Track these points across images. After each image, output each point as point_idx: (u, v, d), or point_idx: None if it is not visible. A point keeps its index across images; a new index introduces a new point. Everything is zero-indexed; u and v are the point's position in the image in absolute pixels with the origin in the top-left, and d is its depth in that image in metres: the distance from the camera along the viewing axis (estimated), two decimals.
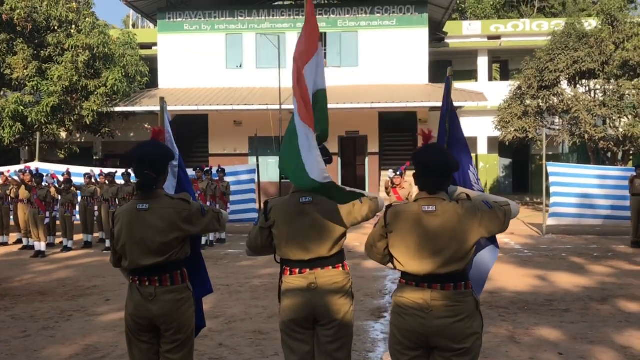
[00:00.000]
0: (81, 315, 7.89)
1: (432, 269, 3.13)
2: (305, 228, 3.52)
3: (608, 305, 8.17)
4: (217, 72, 25.59)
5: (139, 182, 3.60)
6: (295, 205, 3.56)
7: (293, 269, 3.55)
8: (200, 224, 3.66)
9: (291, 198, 3.61)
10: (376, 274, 10.80)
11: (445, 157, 3.21)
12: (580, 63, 20.37)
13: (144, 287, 3.60)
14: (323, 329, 3.50)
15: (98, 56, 21.93)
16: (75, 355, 6.18)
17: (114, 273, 11.03)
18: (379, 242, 3.35)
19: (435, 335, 3.12)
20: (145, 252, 3.57)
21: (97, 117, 22.51)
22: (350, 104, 22.71)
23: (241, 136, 25.52)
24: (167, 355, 3.61)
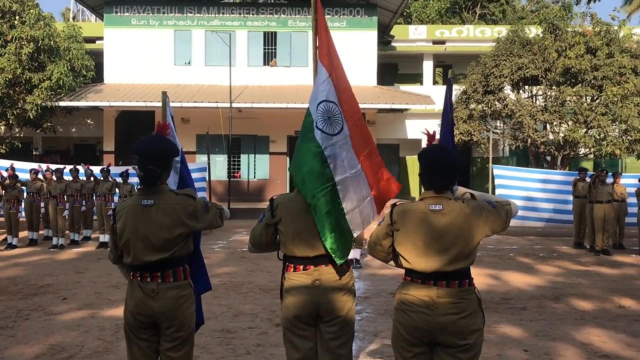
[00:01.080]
0: (40, 315, 7.68)
1: (438, 266, 3.22)
2: (311, 225, 3.56)
3: (562, 303, 8.49)
4: (164, 69, 25.19)
5: (143, 177, 3.55)
6: (301, 202, 3.60)
7: (297, 266, 3.58)
8: (204, 220, 3.64)
9: (297, 195, 3.65)
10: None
11: (452, 157, 3.30)
12: (524, 69, 21.03)
13: (146, 284, 3.55)
14: (326, 326, 3.55)
15: (43, 49, 21.26)
16: (40, 355, 6.03)
17: (65, 272, 10.84)
18: (384, 240, 3.42)
19: (440, 332, 3.21)
20: (149, 248, 3.52)
21: (40, 112, 21.82)
22: (300, 104, 22.72)
23: (189, 134, 25.18)
24: (167, 353, 3.57)
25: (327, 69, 3.76)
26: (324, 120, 3.69)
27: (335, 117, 3.70)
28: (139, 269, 3.58)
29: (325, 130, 3.67)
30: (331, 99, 3.72)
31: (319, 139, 3.66)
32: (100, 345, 6.36)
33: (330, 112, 3.70)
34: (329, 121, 3.69)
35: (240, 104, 22.88)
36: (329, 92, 3.74)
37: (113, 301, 8.46)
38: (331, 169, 3.62)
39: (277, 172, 25.68)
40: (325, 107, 3.70)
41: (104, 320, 7.40)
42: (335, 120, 3.69)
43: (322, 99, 3.73)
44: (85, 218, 14.93)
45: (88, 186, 14.64)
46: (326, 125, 3.68)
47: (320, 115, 3.71)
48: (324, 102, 3.72)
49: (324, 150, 3.64)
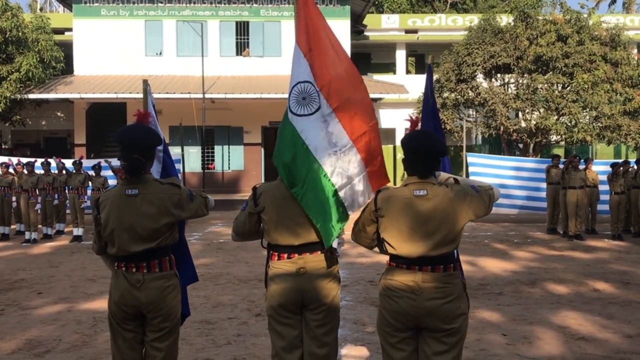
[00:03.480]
0: (15, 310, 7.55)
1: (423, 251, 3.22)
2: (295, 213, 3.53)
3: (538, 288, 8.59)
4: (135, 59, 24.89)
5: (128, 166, 3.49)
6: (285, 191, 3.56)
7: (281, 254, 3.55)
8: (189, 209, 3.59)
9: (280, 183, 3.61)
10: None
11: (436, 142, 3.29)
12: (496, 57, 21.19)
13: (131, 274, 3.50)
14: (311, 313, 3.53)
15: (10, 40, 20.86)
16: (17, 350, 5.93)
17: (39, 266, 10.69)
18: (369, 227, 3.41)
19: (425, 316, 3.22)
20: (135, 239, 3.47)
21: (9, 105, 21.42)
22: (274, 94, 22.64)
23: (161, 125, 24.57)
24: (152, 344, 3.52)
25: (302, 48, 3.70)
26: (297, 102, 3.64)
27: (311, 96, 3.64)
28: (124, 260, 3.53)
29: (299, 112, 3.63)
30: (305, 79, 3.66)
31: (294, 123, 3.62)
32: (78, 338, 6.28)
33: (305, 93, 3.64)
34: (304, 102, 3.63)
35: (214, 95, 22.72)
36: (304, 72, 3.68)
37: (89, 294, 8.36)
38: (312, 150, 3.57)
39: (252, 163, 25.58)
40: (300, 89, 3.65)
41: (80, 313, 7.30)
42: (312, 100, 3.64)
43: (296, 80, 3.69)
44: (57, 212, 14.72)
45: (60, 179, 14.43)
46: (300, 107, 3.63)
47: (294, 98, 3.66)
48: (298, 84, 3.67)
49: (301, 133, 3.59)
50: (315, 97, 3.62)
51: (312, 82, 3.65)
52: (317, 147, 3.59)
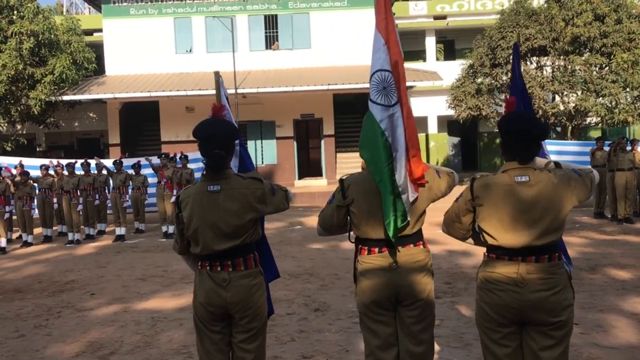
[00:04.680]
0: (71, 311, 7.52)
1: (527, 241, 3.04)
2: None
3: (599, 274, 8.33)
4: (166, 57, 24.91)
5: (210, 162, 3.35)
6: (374, 182, 3.38)
7: (372, 248, 3.38)
8: (272, 203, 3.45)
9: (369, 174, 3.43)
10: None
11: (538, 124, 3.11)
12: (532, 40, 20.74)
13: (216, 273, 3.36)
14: (406, 310, 3.36)
15: (43, 43, 20.99)
16: (81, 353, 5.87)
17: (87, 267, 10.69)
18: (464, 217, 3.23)
19: (531, 310, 3.04)
20: (219, 236, 3.33)
21: (44, 107, 21.58)
22: (305, 87, 22.49)
23: (194, 122, 24.56)
24: (241, 345, 3.38)
25: (383, 35, 3.51)
26: (378, 92, 3.45)
27: (391, 87, 3.45)
28: (208, 259, 3.39)
29: (379, 102, 3.44)
30: (386, 68, 3.48)
31: (374, 113, 3.44)
32: (140, 339, 6.21)
33: (386, 82, 3.45)
34: (384, 92, 3.43)
35: (245, 90, 22.64)
36: (384, 61, 3.49)
37: (142, 294, 8.30)
38: (390, 142, 3.40)
39: (285, 156, 25.47)
40: (380, 77, 3.45)
41: (137, 314, 7.24)
42: (391, 91, 3.45)
43: (377, 68, 3.49)
44: (99, 212, 14.77)
45: (99, 179, 14.47)
46: (381, 97, 3.44)
47: (374, 86, 3.46)
48: (378, 72, 3.48)
49: (380, 124, 3.41)
50: (394, 88, 3.45)
51: (391, 72, 3.47)
52: (392, 142, 3.40)
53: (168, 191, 14.17)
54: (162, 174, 14.25)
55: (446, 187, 3.53)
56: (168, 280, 9.14)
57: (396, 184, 3.34)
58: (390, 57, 3.45)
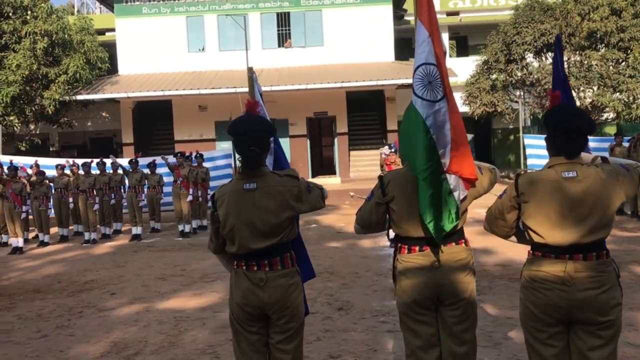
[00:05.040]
0: (92, 311, 7.48)
1: (575, 238, 2.95)
2: None
3: (625, 271, 8.19)
4: (178, 56, 24.87)
5: (245, 160, 3.28)
6: (414, 178, 3.29)
7: (412, 247, 3.30)
8: (308, 201, 3.37)
9: (409, 170, 3.34)
10: (379, 253, 10.67)
11: (585, 118, 3.02)
12: (547, 35, 20.56)
13: (253, 273, 3.29)
14: (448, 310, 3.27)
15: (57, 43, 21.01)
16: (106, 353, 5.82)
17: (105, 266, 10.66)
18: (508, 214, 3.14)
19: (578, 309, 2.95)
20: (255, 235, 3.26)
21: (58, 107, 21.61)
22: (319, 84, 22.41)
23: (207, 121, 24.95)
24: (278, 346, 3.31)
25: (426, 28, 3.40)
26: (423, 86, 3.32)
27: (437, 81, 3.33)
28: (244, 258, 3.32)
29: (425, 97, 3.31)
30: (431, 61, 3.36)
31: (418, 108, 3.33)
32: (164, 339, 6.15)
33: (431, 76, 3.32)
34: (430, 86, 3.31)
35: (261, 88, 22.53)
36: (429, 54, 3.38)
37: (163, 293, 8.26)
38: (435, 140, 3.29)
39: (299, 155, 25.37)
40: (425, 71, 3.33)
41: (159, 313, 7.19)
42: (437, 85, 3.33)
43: (421, 61, 3.37)
44: (114, 211, 14.75)
45: (115, 179, 14.44)
46: (426, 91, 3.31)
47: (418, 80, 3.34)
48: (423, 66, 3.35)
49: (426, 120, 3.30)
50: (439, 83, 3.33)
51: (437, 65, 3.36)
52: (439, 139, 3.30)
53: (184, 190, 14.14)
54: (178, 172, 14.21)
55: (488, 183, 3.44)
56: (188, 280, 9.09)
57: (447, 182, 3.25)
58: (435, 50, 3.36)
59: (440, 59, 3.40)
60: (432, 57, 3.33)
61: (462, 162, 3.26)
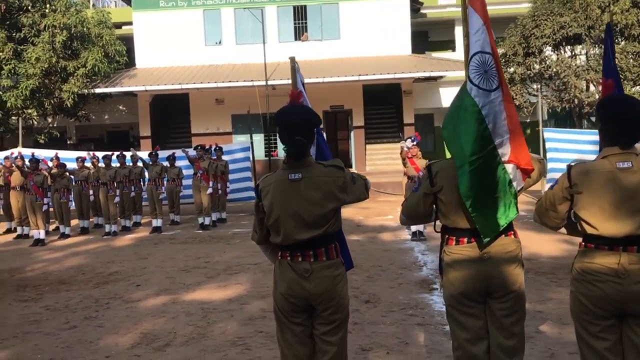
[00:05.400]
0: (119, 303, 7.50)
1: (630, 230, 2.90)
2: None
3: None
4: (195, 50, 24.90)
5: (291, 150, 3.26)
6: None
7: (461, 238, 3.26)
8: (353, 192, 3.33)
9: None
10: (400, 247, 10.64)
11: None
12: (567, 28, 20.38)
13: (298, 264, 3.26)
14: (497, 302, 3.24)
15: (75, 36, 21.09)
16: (136, 344, 5.83)
17: (128, 258, 10.71)
18: (560, 205, 3.10)
19: (632, 302, 2.91)
20: (301, 226, 3.24)
21: (76, 100, 21.72)
22: (336, 78, 22.35)
23: (223, 114, 24.99)
24: (323, 337, 3.29)
25: (481, 16, 3.36)
26: (479, 75, 3.29)
27: (492, 70, 3.30)
28: (288, 249, 3.30)
29: (481, 85, 3.29)
30: (487, 50, 3.33)
31: (474, 96, 3.29)
32: (193, 331, 6.16)
33: (487, 65, 3.29)
34: (485, 75, 3.28)
35: (275, 81, 22.53)
36: (484, 42, 3.34)
37: (188, 285, 8.27)
38: (490, 130, 3.25)
39: None
40: (481, 60, 3.30)
41: (186, 305, 7.20)
42: (492, 75, 3.30)
43: (477, 50, 3.33)
44: (134, 204, 14.79)
45: (135, 171, 14.49)
46: (482, 80, 3.28)
47: (474, 68, 3.31)
48: (478, 54, 3.32)
49: (482, 109, 3.27)
50: (495, 72, 3.30)
51: (492, 54, 3.32)
52: (495, 129, 3.26)
53: (204, 183, 14.16)
54: (198, 165, 14.23)
55: (537, 174, 3.40)
56: (212, 272, 9.10)
57: (506, 173, 3.22)
58: (491, 43, 3.32)
59: (494, 48, 3.37)
60: (487, 45, 3.30)
61: (520, 152, 3.23)
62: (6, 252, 12.35)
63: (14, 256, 11.63)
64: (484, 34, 3.32)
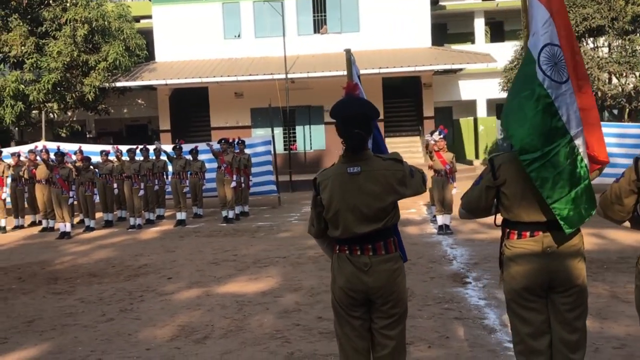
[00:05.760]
0: (153, 295, 7.54)
1: None
2: None
3: None
4: (214, 43, 24.94)
5: (350, 143, 3.23)
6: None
7: (523, 232, 3.24)
8: (411, 186, 3.30)
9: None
10: (427, 240, 10.61)
11: None
12: (590, 20, 20.16)
13: (356, 257, 3.24)
14: (560, 296, 3.22)
15: (96, 30, 21.18)
16: (175, 337, 5.85)
17: (155, 251, 10.75)
18: (627, 198, 3.07)
19: None
20: (360, 219, 3.21)
21: (98, 94, 21.83)
22: None
23: (242, 108, 25.01)
24: (382, 331, 3.27)
25: (546, 8, 3.33)
26: (550, 67, 3.27)
27: (561, 62, 3.28)
28: (347, 242, 3.28)
29: (553, 77, 3.26)
30: (555, 42, 3.30)
31: (547, 87, 3.27)
32: (230, 323, 6.18)
33: (556, 58, 3.27)
34: (555, 67, 3.25)
35: (295, 75, 22.52)
36: (552, 34, 3.31)
37: (219, 278, 8.30)
38: (564, 122, 3.23)
39: (333, 142, 25.24)
40: (550, 52, 3.28)
41: (220, 298, 7.22)
42: (562, 67, 3.28)
43: (546, 42, 3.30)
44: (157, 197, 14.86)
45: (158, 165, 14.55)
46: (553, 72, 3.26)
47: (545, 60, 3.28)
48: (548, 46, 3.29)
49: (554, 101, 3.24)
50: (564, 64, 3.28)
51: (560, 47, 3.29)
52: (569, 121, 3.23)
53: (228, 176, 14.19)
54: (222, 159, 14.26)
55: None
56: (241, 265, 9.12)
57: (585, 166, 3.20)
58: (558, 31, 3.29)
59: (563, 40, 3.34)
60: (555, 37, 3.28)
61: (596, 144, 3.20)
62: (33, 245, 12.45)
63: (42, 249, 11.73)
64: (552, 26, 3.29)
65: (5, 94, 19.82)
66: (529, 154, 3.18)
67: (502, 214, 3.35)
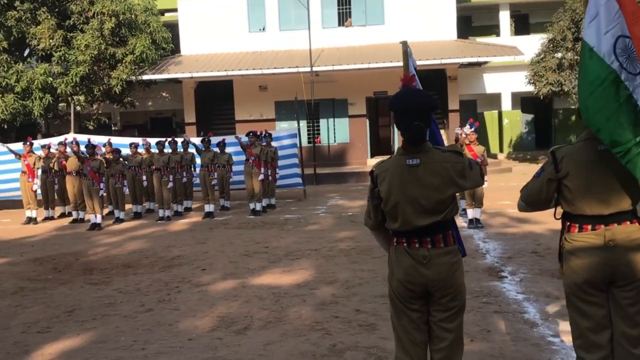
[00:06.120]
0: (189, 286, 7.61)
1: None
2: (606, 179, 3.19)
3: None
4: (239, 36, 24.95)
5: (409, 135, 3.23)
6: (591, 154, 3.23)
7: (584, 225, 3.22)
8: (471, 178, 3.29)
9: (585, 145, 3.27)
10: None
11: None
12: None
13: (415, 250, 3.24)
14: (621, 291, 3.20)
15: (123, 23, 21.32)
16: (215, 327, 5.91)
17: (187, 242, 10.84)
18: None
19: None
20: (419, 212, 3.21)
21: (125, 86, 22.00)
22: (381, 63, 22.20)
23: (267, 101, 25.03)
24: (441, 324, 3.27)
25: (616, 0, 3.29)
26: (625, 59, 3.23)
27: (634, 54, 3.25)
28: (405, 235, 3.28)
29: (629, 69, 3.24)
30: (626, 34, 3.27)
31: (624, 80, 3.22)
32: (269, 315, 6.21)
33: (628, 49, 3.24)
34: (629, 60, 3.23)
35: (320, 68, 22.50)
36: (623, 26, 3.28)
37: (252, 270, 8.35)
38: None
39: (357, 135, 25.29)
40: (623, 43, 3.25)
41: (257, 289, 7.27)
42: (634, 58, 3.24)
43: (619, 33, 3.27)
44: (185, 189, 14.96)
45: (186, 157, 14.64)
46: (628, 64, 3.23)
47: (620, 52, 3.24)
48: (621, 38, 3.26)
49: (633, 93, 3.22)
50: (635, 56, 3.24)
51: (630, 38, 3.26)
52: None
53: (256, 169, 14.25)
54: (250, 151, 14.32)
55: None
56: (273, 257, 9.17)
57: None
58: (627, 23, 3.26)
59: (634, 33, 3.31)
60: (626, 29, 3.24)
61: None
62: (65, 236, 12.62)
63: (74, 240, 11.87)
64: (621, 17, 3.26)
65: (33, 86, 20.03)
66: (621, 146, 3.16)
67: (563, 207, 3.33)
